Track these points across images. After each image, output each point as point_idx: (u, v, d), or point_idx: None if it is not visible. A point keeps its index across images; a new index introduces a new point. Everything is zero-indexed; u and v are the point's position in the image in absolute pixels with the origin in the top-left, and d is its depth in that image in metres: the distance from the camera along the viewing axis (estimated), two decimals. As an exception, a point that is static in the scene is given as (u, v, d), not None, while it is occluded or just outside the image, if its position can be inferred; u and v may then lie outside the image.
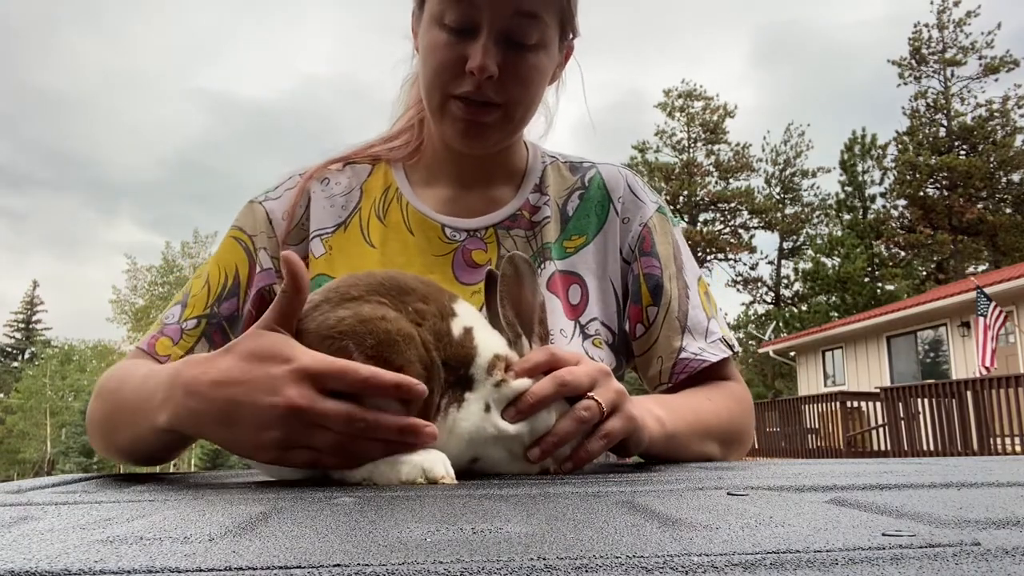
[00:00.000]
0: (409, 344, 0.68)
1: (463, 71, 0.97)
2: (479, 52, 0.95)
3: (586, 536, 0.35)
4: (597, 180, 1.19)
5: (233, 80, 78.55)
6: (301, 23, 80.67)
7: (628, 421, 0.78)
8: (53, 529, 0.40)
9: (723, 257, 33.77)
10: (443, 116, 1.03)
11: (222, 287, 1.08)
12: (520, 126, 1.08)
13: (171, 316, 1.07)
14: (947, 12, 29.48)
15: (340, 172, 1.18)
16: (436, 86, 1.01)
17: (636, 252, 1.15)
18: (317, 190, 1.15)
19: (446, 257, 1.10)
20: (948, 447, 9.75)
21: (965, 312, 13.31)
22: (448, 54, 0.98)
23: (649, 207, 1.19)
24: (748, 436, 1.13)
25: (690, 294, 1.15)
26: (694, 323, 1.12)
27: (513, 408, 0.72)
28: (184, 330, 1.05)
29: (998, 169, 27.92)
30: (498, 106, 1.01)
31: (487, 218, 1.13)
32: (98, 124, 70.89)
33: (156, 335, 1.05)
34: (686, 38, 67.33)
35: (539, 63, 1.01)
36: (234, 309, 1.08)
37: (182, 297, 1.09)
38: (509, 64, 0.98)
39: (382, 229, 1.12)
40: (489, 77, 0.96)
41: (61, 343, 43.66)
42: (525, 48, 0.99)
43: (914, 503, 0.46)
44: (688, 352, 1.09)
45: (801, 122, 46.48)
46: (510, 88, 0.99)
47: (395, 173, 1.17)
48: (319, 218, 1.13)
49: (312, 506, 0.49)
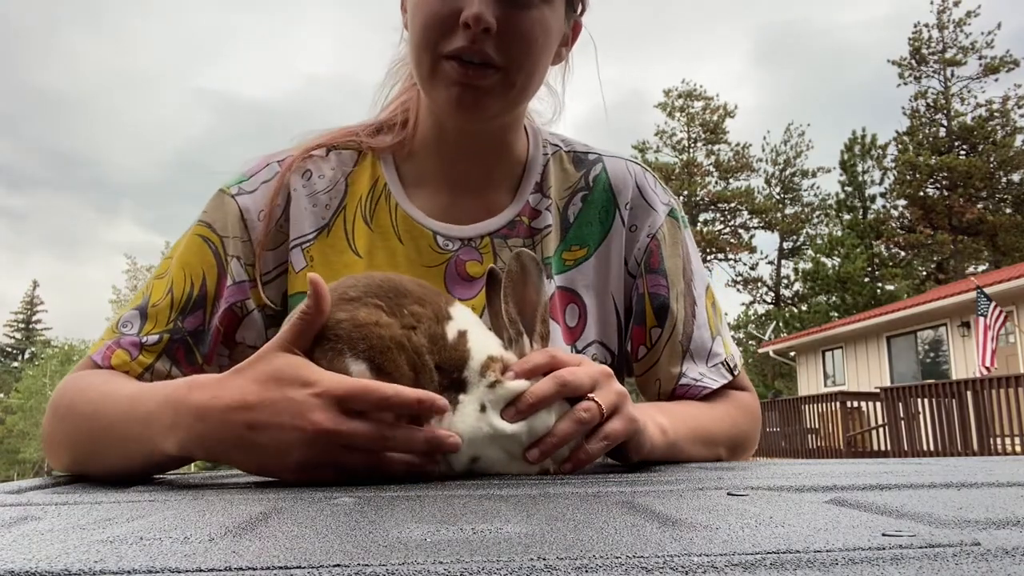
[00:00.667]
0: (400, 351, 0.69)
1: (456, 24, 0.87)
2: (475, 1, 0.86)
3: (586, 536, 0.35)
4: (603, 181, 1.09)
5: (234, 80, 78.77)
6: (302, 23, 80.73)
7: (629, 423, 0.77)
8: (53, 529, 0.40)
9: (723, 257, 33.77)
10: (435, 80, 0.92)
11: (187, 298, 0.97)
12: (521, 97, 0.97)
13: (129, 325, 0.96)
14: (947, 12, 29.48)
15: (323, 160, 1.06)
16: (427, 44, 0.90)
17: (643, 267, 1.08)
18: (298, 185, 1.03)
19: (438, 268, 1.01)
20: (948, 447, 9.74)
21: (965, 312, 13.31)
22: (440, 7, 0.88)
23: (660, 214, 1.10)
24: (752, 443, 1.10)
25: (697, 311, 1.09)
26: (697, 346, 1.07)
27: (512, 408, 0.72)
28: (144, 344, 0.94)
29: (998, 169, 27.92)
30: (497, 69, 0.90)
31: (483, 225, 1.04)
32: (99, 124, 70.98)
33: (112, 346, 0.94)
34: (687, 38, 67.36)
35: (543, 20, 0.91)
36: (199, 323, 0.97)
37: (141, 301, 0.98)
38: (509, 19, 0.88)
39: (368, 234, 1.02)
40: (486, 30, 0.86)
41: (61, 343, 43.64)
42: (527, 2, 0.89)
43: (914, 503, 0.46)
44: (688, 378, 1.06)
45: (801, 122, 46.50)
46: (510, 46, 0.89)
47: (384, 167, 1.06)
48: (299, 222, 1.02)
49: (312, 506, 0.49)
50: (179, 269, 0.99)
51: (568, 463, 0.75)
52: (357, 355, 0.67)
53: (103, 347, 0.95)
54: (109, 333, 0.97)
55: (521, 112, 1.05)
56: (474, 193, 1.06)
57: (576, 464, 0.75)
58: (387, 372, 0.67)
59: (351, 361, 0.67)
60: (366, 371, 0.67)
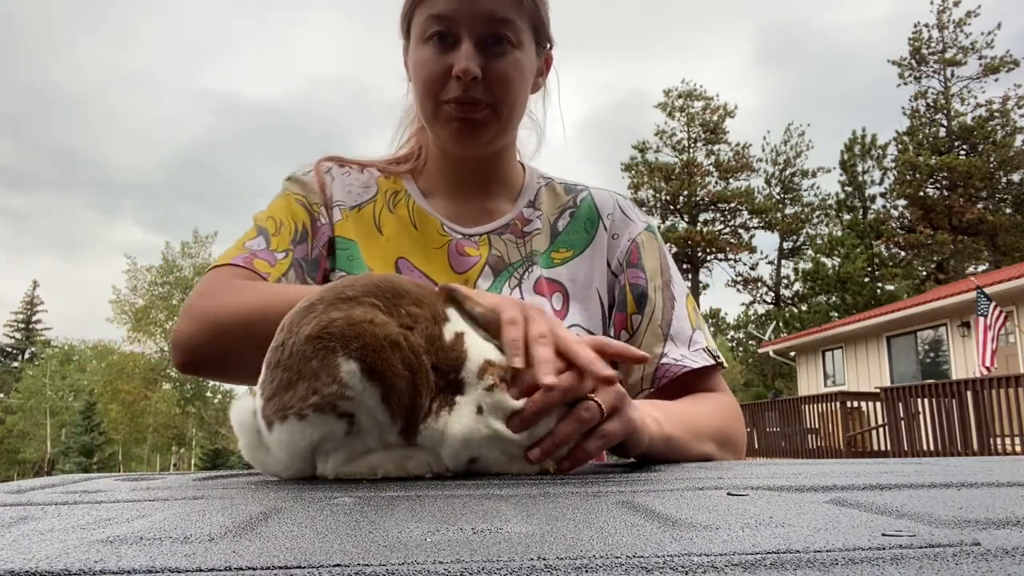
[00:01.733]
0: (395, 349, 0.68)
1: (450, 77, 1.08)
2: (462, 57, 1.06)
3: (586, 536, 0.35)
4: (588, 201, 1.27)
5: (236, 80, 78.62)
6: (304, 24, 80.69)
7: (627, 424, 0.79)
8: (53, 529, 0.40)
9: (723, 257, 33.79)
10: (437, 120, 1.13)
11: (294, 230, 1.13)
12: (508, 125, 1.15)
13: (258, 243, 1.09)
14: (947, 12, 29.50)
15: (358, 171, 1.27)
16: (428, 96, 1.11)
17: (623, 264, 1.22)
18: (337, 174, 1.24)
19: (442, 249, 1.19)
20: (948, 447, 9.75)
21: (965, 312, 13.31)
22: (435, 66, 1.09)
23: (638, 225, 1.26)
24: (739, 443, 1.14)
25: (676, 306, 1.19)
26: (677, 332, 1.17)
27: (517, 417, 0.73)
28: (276, 259, 1.08)
29: (998, 169, 27.93)
30: (487, 106, 1.10)
31: (482, 227, 1.21)
32: (100, 124, 70.94)
33: (248, 256, 1.06)
34: (687, 38, 67.37)
35: (517, 62, 1.11)
36: (306, 253, 1.13)
37: (255, 233, 1.11)
38: (490, 66, 1.09)
39: (391, 219, 1.21)
40: (474, 79, 1.07)
41: (61, 343, 43.68)
42: (503, 50, 1.10)
43: (914, 503, 0.46)
44: (669, 358, 1.14)
45: (801, 122, 46.53)
46: (495, 88, 1.09)
47: (405, 182, 1.26)
48: (339, 193, 1.22)
49: (312, 506, 0.49)
50: (283, 212, 1.15)
51: (567, 461, 0.76)
52: (349, 354, 0.67)
53: (238, 257, 1.06)
54: (237, 250, 1.08)
55: (512, 138, 1.23)
56: (476, 204, 1.23)
57: (574, 462, 0.76)
58: (379, 371, 0.67)
59: (343, 360, 0.67)
60: (357, 370, 0.67)
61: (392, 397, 0.67)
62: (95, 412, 31.87)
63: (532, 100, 1.24)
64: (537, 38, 1.16)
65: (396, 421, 0.69)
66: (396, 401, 0.68)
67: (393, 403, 0.68)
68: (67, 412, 36.06)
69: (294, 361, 0.68)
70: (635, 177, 33.76)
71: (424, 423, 0.70)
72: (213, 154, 75.15)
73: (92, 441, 31.11)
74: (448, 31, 1.08)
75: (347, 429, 0.68)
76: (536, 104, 1.27)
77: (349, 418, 0.67)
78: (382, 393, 0.67)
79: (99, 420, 31.81)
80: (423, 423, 0.70)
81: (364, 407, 0.67)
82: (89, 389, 36.39)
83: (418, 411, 0.70)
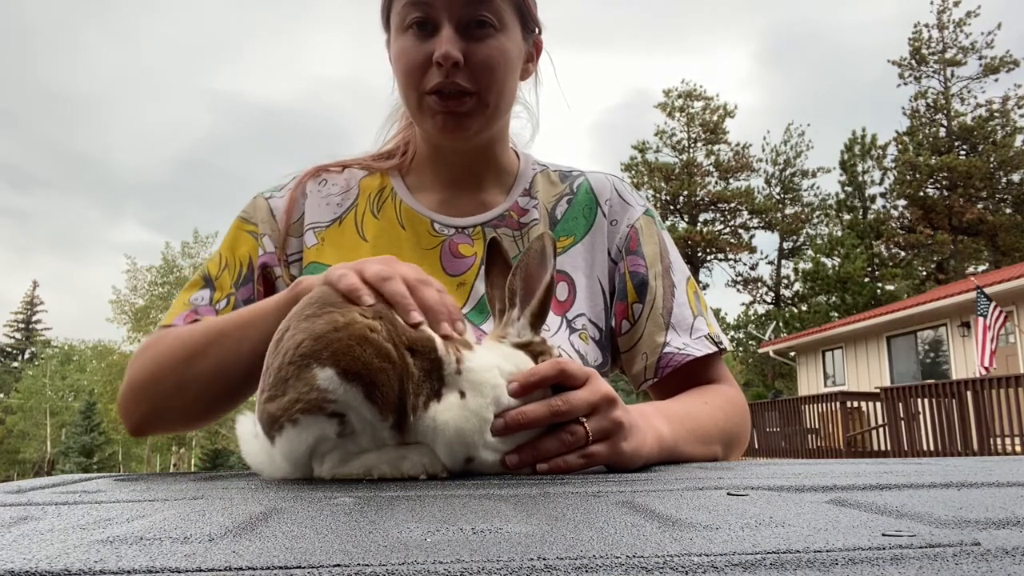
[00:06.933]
0: (364, 344, 0.68)
1: (431, 64, 1.04)
2: (443, 42, 1.02)
3: (586, 536, 0.35)
4: (585, 186, 1.23)
5: (242, 81, 78.55)
6: (310, 25, 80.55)
7: (616, 454, 0.78)
8: (53, 529, 0.40)
9: (723, 257, 33.76)
10: (422, 113, 1.09)
11: (239, 271, 1.15)
12: (496, 112, 1.11)
13: (200, 298, 1.12)
14: (947, 12, 29.48)
15: (338, 173, 1.24)
16: (410, 86, 1.07)
17: (623, 252, 1.19)
18: (314, 189, 1.21)
19: (434, 250, 1.15)
20: (948, 447, 9.74)
21: (965, 312, 13.30)
22: (415, 54, 1.05)
23: (636, 209, 1.23)
24: (745, 438, 1.14)
25: (676, 292, 1.17)
26: (678, 319, 1.14)
27: (501, 420, 0.73)
28: (218, 310, 1.11)
29: (998, 169, 27.92)
30: (472, 94, 1.06)
31: (475, 218, 1.17)
32: (105, 124, 71.02)
33: (190, 314, 1.10)
34: (689, 39, 67.38)
35: (501, 46, 1.07)
36: (250, 294, 1.14)
37: (201, 281, 1.15)
38: (472, 51, 1.04)
39: (375, 224, 1.17)
40: (455, 64, 1.03)
41: (61, 343, 43.65)
42: (485, 34, 1.05)
43: (914, 503, 0.46)
44: (672, 347, 1.12)
45: (801, 122, 46.55)
46: (478, 75, 1.05)
47: (392, 179, 1.23)
48: (314, 213, 1.19)
49: (312, 506, 0.49)
50: (228, 251, 1.17)
51: (545, 465, 0.75)
52: (322, 363, 0.67)
53: (182, 314, 1.10)
54: (181, 307, 1.12)
55: (503, 125, 1.19)
56: (468, 194, 1.20)
57: (552, 469, 0.75)
58: (355, 371, 0.67)
59: (318, 370, 0.67)
60: (333, 375, 0.67)
61: (375, 393, 0.67)
62: (95, 412, 31.83)
63: (525, 88, 1.20)
64: (523, 21, 1.11)
65: (386, 416, 0.69)
66: (380, 396, 0.68)
67: (377, 398, 0.68)
68: (67, 412, 36.04)
69: (278, 382, 0.69)
70: (635, 177, 33.74)
71: (415, 416, 0.70)
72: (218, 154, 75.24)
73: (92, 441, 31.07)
74: (427, 17, 1.04)
75: (339, 430, 0.68)
76: (529, 91, 1.23)
77: (340, 418, 0.68)
78: (364, 391, 0.67)
79: (99, 420, 31.77)
80: (414, 416, 0.70)
81: (351, 407, 0.67)
82: (89, 389, 36.37)
83: (405, 399, 0.69)
